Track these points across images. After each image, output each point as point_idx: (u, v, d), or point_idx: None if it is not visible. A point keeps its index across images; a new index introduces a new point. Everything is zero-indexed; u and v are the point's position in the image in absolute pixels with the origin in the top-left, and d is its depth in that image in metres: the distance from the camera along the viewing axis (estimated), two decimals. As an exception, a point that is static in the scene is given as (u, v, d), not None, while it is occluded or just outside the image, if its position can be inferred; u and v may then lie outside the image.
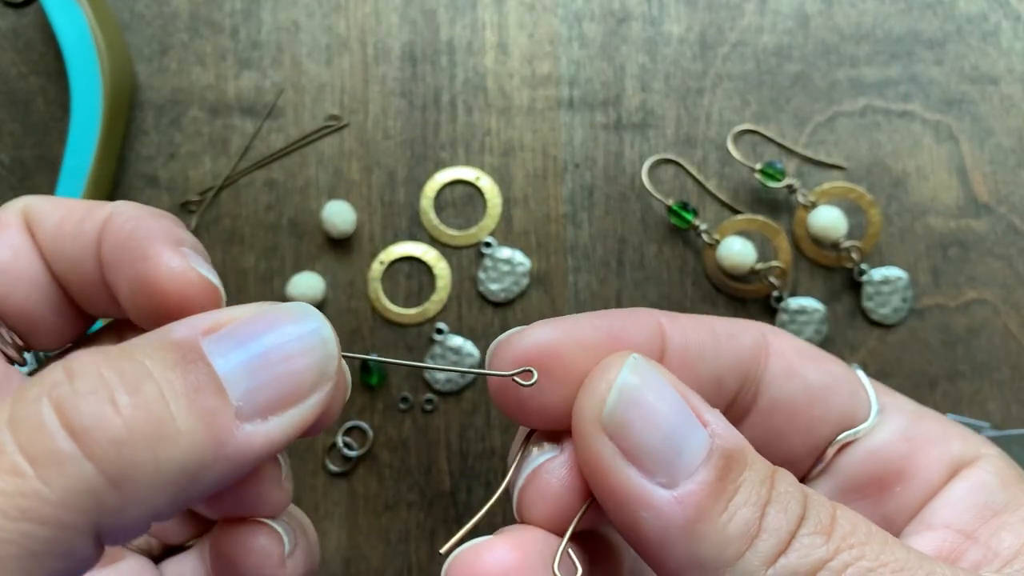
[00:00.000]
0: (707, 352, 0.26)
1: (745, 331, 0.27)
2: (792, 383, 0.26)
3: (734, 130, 0.49)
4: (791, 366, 0.26)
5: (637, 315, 0.25)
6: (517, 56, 0.49)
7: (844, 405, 0.26)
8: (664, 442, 0.22)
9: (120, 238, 0.24)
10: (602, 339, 0.24)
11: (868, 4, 0.50)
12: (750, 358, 0.26)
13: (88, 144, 0.46)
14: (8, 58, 0.49)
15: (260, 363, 0.21)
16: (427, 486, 0.46)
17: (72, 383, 0.19)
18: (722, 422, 0.22)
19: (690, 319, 0.26)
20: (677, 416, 0.22)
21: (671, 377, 0.23)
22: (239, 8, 0.50)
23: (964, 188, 0.48)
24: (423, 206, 0.48)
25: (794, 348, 0.27)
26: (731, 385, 0.26)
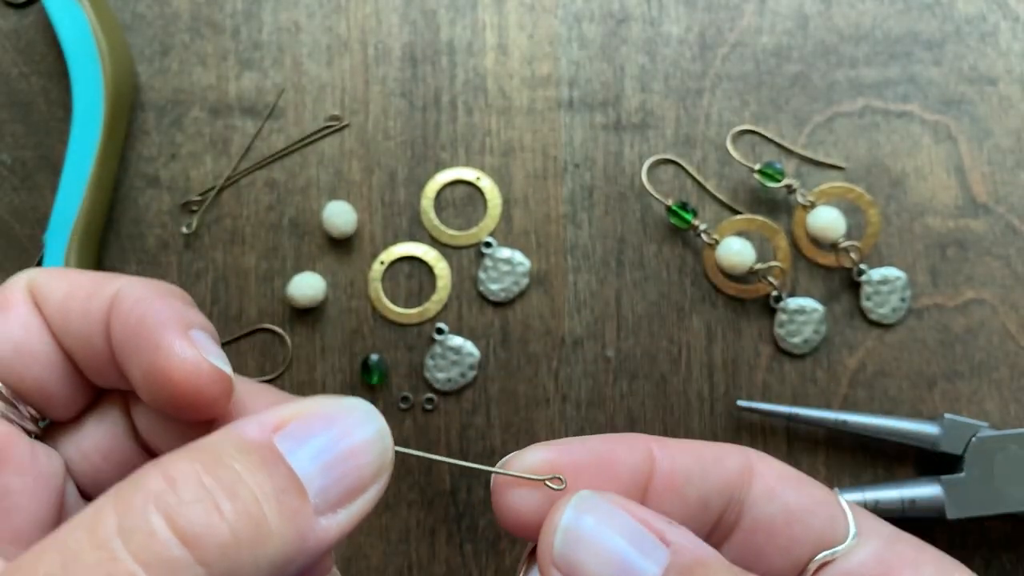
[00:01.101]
0: (694, 476, 0.27)
1: (731, 455, 0.28)
2: (773, 504, 0.27)
3: (733, 130, 0.49)
4: (773, 489, 0.28)
5: (628, 440, 0.27)
6: (517, 57, 0.50)
7: (822, 526, 0.27)
8: (616, 570, 0.23)
9: (130, 324, 0.24)
10: (593, 462, 0.26)
11: (867, 5, 0.50)
12: (735, 481, 0.28)
13: (90, 144, 0.46)
14: (9, 58, 0.50)
15: (331, 461, 0.23)
16: (427, 485, 0.47)
17: (176, 491, 0.20)
18: (685, 537, 0.24)
19: (679, 444, 0.28)
20: (628, 542, 0.24)
21: (624, 504, 0.25)
22: (240, 9, 0.50)
23: (963, 188, 0.48)
24: (423, 206, 0.49)
25: (777, 472, 0.28)
26: (717, 506, 0.28)
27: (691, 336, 0.47)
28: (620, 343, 0.47)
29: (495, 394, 0.47)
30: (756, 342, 0.47)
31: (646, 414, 0.47)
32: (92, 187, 0.46)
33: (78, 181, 0.46)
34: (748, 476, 0.28)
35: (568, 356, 0.47)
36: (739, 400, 0.46)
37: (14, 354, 0.25)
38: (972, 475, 0.43)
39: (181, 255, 0.48)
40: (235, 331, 0.48)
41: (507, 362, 0.47)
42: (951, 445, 0.44)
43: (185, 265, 0.48)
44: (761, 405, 0.45)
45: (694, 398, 0.47)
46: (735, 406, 0.46)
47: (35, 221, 0.48)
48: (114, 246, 0.48)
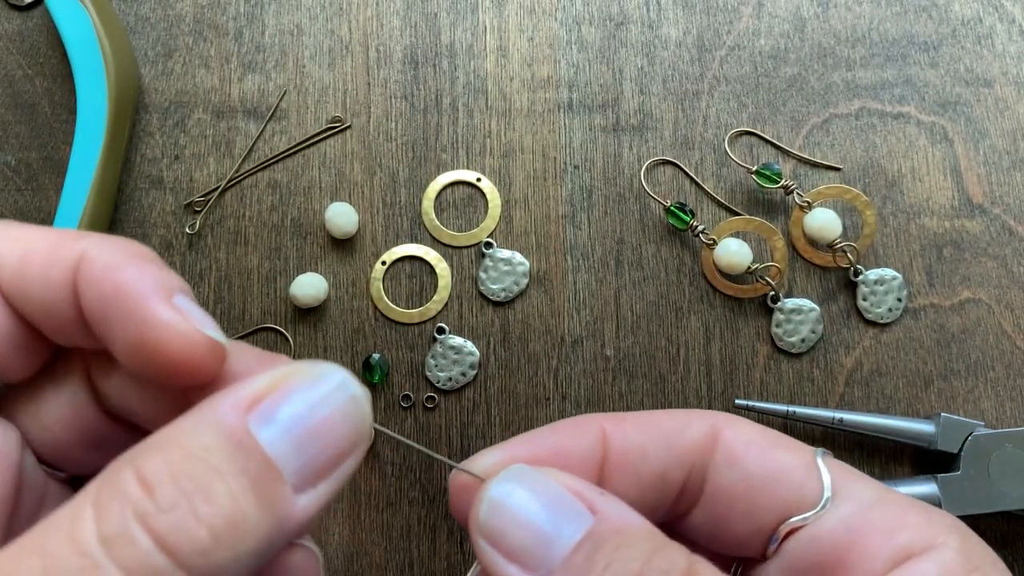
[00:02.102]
0: (649, 452, 0.28)
1: (693, 424, 0.28)
2: (733, 472, 0.27)
3: (731, 132, 0.49)
4: (734, 456, 0.27)
5: (580, 426, 0.28)
6: (517, 59, 0.50)
7: (788, 493, 0.27)
8: (535, 538, 0.24)
9: (105, 293, 0.23)
10: (544, 455, 0.27)
11: (863, 7, 0.50)
12: (696, 451, 0.28)
13: (93, 146, 0.46)
14: (14, 60, 0.50)
15: (306, 437, 0.23)
16: (428, 483, 0.47)
17: (152, 499, 0.20)
18: (614, 507, 0.24)
19: (636, 420, 0.28)
20: (549, 510, 0.24)
21: (553, 475, 0.25)
22: (243, 12, 0.50)
23: (958, 189, 0.49)
24: (424, 207, 0.49)
25: (744, 438, 0.28)
26: (676, 478, 0.28)
27: (689, 335, 0.48)
28: (619, 342, 0.48)
29: (495, 393, 0.48)
30: (753, 341, 0.48)
31: (645, 413, 0.47)
32: (96, 188, 0.46)
33: (82, 182, 0.46)
34: (712, 444, 0.28)
35: (568, 355, 0.48)
36: (736, 399, 0.46)
37: None
38: (968, 473, 0.44)
39: (185, 255, 0.49)
40: (238, 331, 0.48)
41: (507, 361, 0.48)
42: (947, 444, 0.44)
43: (189, 265, 0.48)
44: (758, 404, 0.46)
45: (692, 397, 0.47)
46: (733, 405, 0.47)
47: (39, 222, 0.49)
48: (118, 246, 0.49)
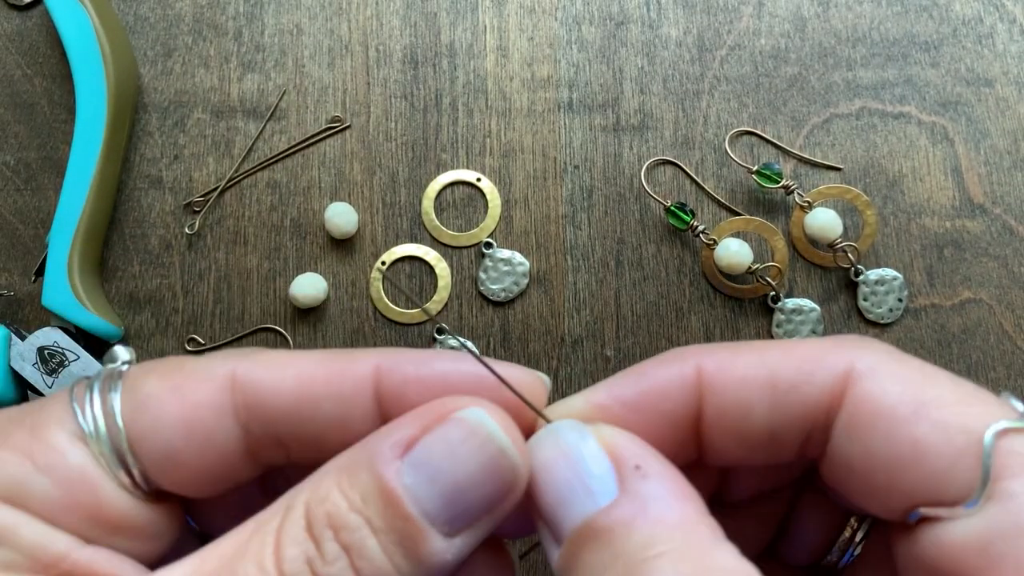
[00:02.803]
0: (755, 409, 0.23)
1: (820, 374, 0.23)
2: (852, 446, 0.23)
3: (731, 132, 0.49)
4: (857, 425, 0.22)
5: (675, 367, 0.24)
6: (517, 59, 0.50)
7: (924, 480, 0.21)
8: (553, 505, 0.23)
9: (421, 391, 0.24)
10: (631, 405, 0.24)
11: (864, 7, 0.50)
12: (817, 410, 0.23)
13: (93, 146, 0.46)
14: (13, 60, 0.50)
15: (456, 489, 0.23)
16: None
17: (319, 551, 0.22)
18: (645, 489, 0.22)
19: (748, 361, 0.24)
20: (565, 480, 0.23)
21: (599, 435, 0.23)
22: (242, 11, 0.50)
23: (959, 189, 0.49)
24: (424, 207, 0.49)
25: (878, 402, 0.22)
26: (791, 438, 0.24)
27: (690, 336, 0.48)
28: (619, 343, 0.48)
29: (495, 393, 0.47)
30: (754, 342, 0.48)
31: (645, 413, 0.47)
32: (95, 188, 0.46)
33: (81, 182, 0.46)
34: (838, 401, 0.23)
35: (568, 355, 0.48)
36: None
37: (180, 435, 0.24)
38: (968, 473, 0.44)
39: (184, 255, 0.48)
40: (237, 331, 0.48)
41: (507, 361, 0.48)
42: (947, 444, 0.44)
43: (188, 265, 0.48)
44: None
45: (693, 397, 0.47)
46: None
47: (39, 222, 0.49)
48: (117, 246, 0.49)
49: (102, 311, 0.46)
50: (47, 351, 0.45)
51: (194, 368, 0.25)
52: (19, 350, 0.45)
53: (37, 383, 0.45)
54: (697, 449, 0.25)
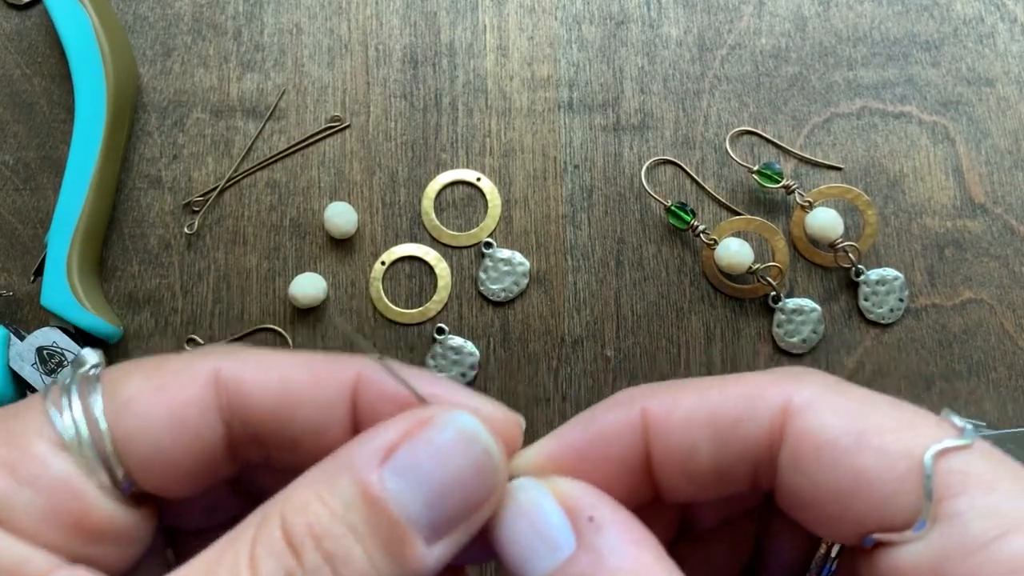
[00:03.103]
0: (700, 449, 0.24)
1: (759, 410, 0.24)
2: (798, 478, 0.23)
3: (732, 131, 0.49)
4: (800, 459, 0.23)
5: (620, 412, 0.25)
6: (517, 58, 0.50)
7: (869, 508, 0.22)
8: (517, 562, 0.23)
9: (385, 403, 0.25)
10: (582, 451, 0.25)
11: (865, 6, 0.50)
12: (759, 447, 0.24)
13: (92, 145, 0.46)
14: (12, 60, 0.50)
15: (439, 492, 0.23)
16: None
17: (299, 563, 0.22)
18: (602, 539, 0.23)
19: (689, 402, 0.25)
20: (530, 536, 0.23)
21: (554, 489, 0.24)
22: (242, 11, 0.50)
23: (960, 189, 0.49)
24: (424, 207, 0.49)
25: (817, 435, 0.23)
26: (739, 474, 0.24)
27: (690, 336, 0.48)
28: (619, 343, 0.48)
29: (495, 393, 0.47)
30: (755, 342, 0.48)
31: (645, 413, 0.47)
32: (94, 188, 0.46)
33: (80, 182, 0.46)
34: (779, 436, 0.23)
35: (568, 356, 0.48)
36: None
37: (167, 434, 0.24)
38: (969, 474, 0.44)
39: (183, 255, 0.48)
40: (237, 331, 0.48)
41: (507, 362, 0.48)
42: (948, 444, 0.44)
43: (187, 265, 0.48)
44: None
45: (693, 397, 0.47)
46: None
47: (38, 221, 0.48)
48: (116, 246, 0.48)
49: (101, 311, 0.46)
50: (46, 351, 0.45)
51: (178, 367, 0.25)
52: (18, 350, 0.45)
53: (36, 383, 0.45)
54: (652, 488, 0.26)
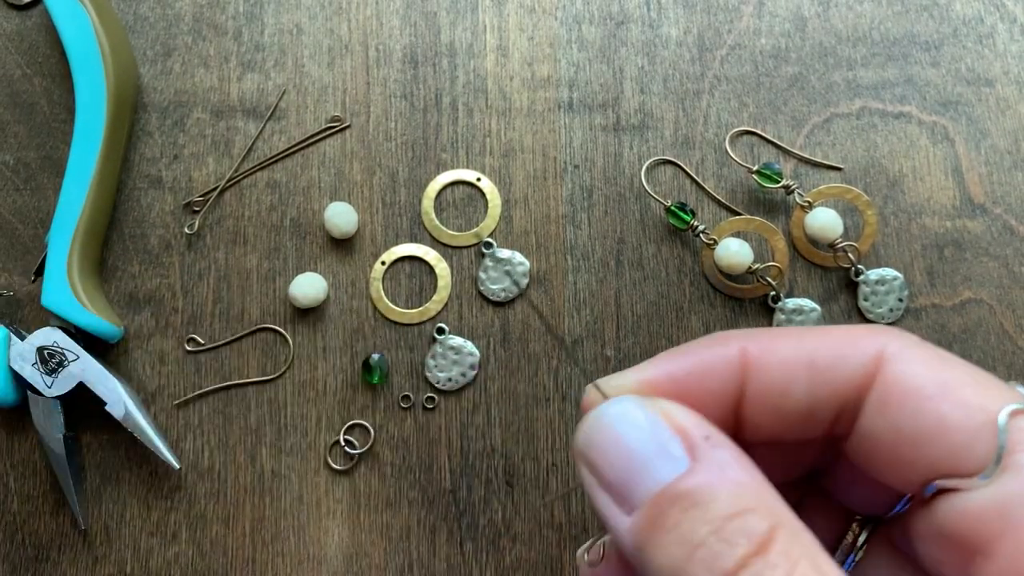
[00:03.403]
0: (794, 389, 0.25)
1: (853, 357, 0.25)
2: (880, 420, 0.25)
3: (732, 132, 0.49)
4: (887, 402, 0.25)
5: (719, 349, 0.26)
6: (517, 59, 0.50)
7: (943, 454, 0.24)
8: (627, 473, 0.24)
9: None
10: (678, 382, 0.26)
11: (864, 7, 0.50)
12: (850, 390, 0.25)
13: (92, 145, 0.46)
14: (13, 60, 0.50)
15: None
16: (428, 484, 0.47)
17: None
18: (716, 456, 0.23)
19: (787, 344, 0.26)
20: (644, 449, 0.24)
21: (663, 410, 0.24)
22: (242, 11, 0.50)
23: (960, 189, 0.49)
24: (424, 207, 0.49)
25: (907, 382, 0.25)
26: (824, 416, 0.26)
27: (690, 335, 0.48)
28: (619, 342, 0.48)
29: (495, 393, 0.47)
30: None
31: (645, 413, 0.47)
32: (95, 188, 0.46)
33: (81, 182, 0.46)
34: (870, 381, 0.25)
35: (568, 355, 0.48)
36: None
37: None
38: (969, 474, 0.44)
39: (184, 255, 0.48)
40: (237, 331, 0.48)
41: (507, 361, 0.48)
42: (948, 444, 0.44)
43: (187, 265, 0.48)
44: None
45: (693, 397, 0.47)
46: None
47: (38, 221, 0.49)
48: (117, 246, 0.49)
49: (102, 311, 0.46)
50: (47, 351, 0.45)
51: None
52: (19, 350, 0.45)
53: (37, 383, 0.45)
54: (734, 426, 0.27)
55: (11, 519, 0.47)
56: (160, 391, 0.48)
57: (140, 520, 0.47)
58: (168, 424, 0.47)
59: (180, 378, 0.48)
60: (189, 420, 0.47)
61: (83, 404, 0.46)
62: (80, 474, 0.46)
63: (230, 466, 0.47)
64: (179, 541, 0.46)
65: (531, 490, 0.46)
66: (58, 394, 0.45)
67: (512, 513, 0.46)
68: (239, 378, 0.48)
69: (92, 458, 0.47)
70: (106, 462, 0.47)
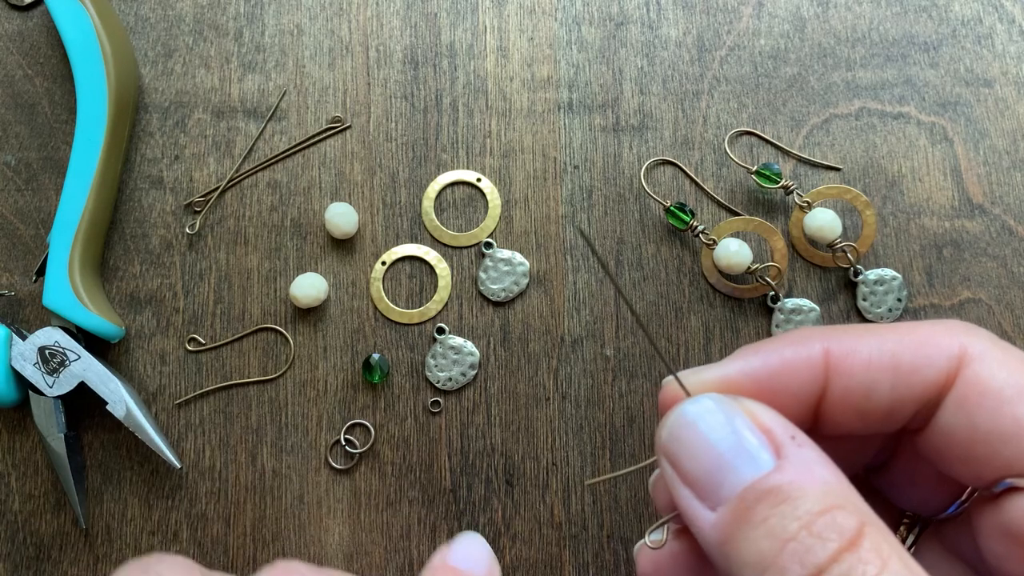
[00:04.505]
0: (877, 391, 0.26)
1: (938, 356, 0.26)
2: (958, 418, 0.26)
3: (731, 132, 0.49)
4: (965, 402, 0.25)
5: (803, 348, 0.27)
6: (517, 59, 0.50)
7: (1018, 453, 0.25)
8: (711, 469, 0.24)
9: None
10: (762, 380, 0.27)
11: (863, 7, 0.51)
12: (931, 390, 0.26)
13: (93, 146, 0.46)
14: (14, 60, 0.50)
15: None
16: (428, 483, 0.47)
17: None
18: (801, 455, 0.24)
19: (870, 345, 0.26)
20: (730, 445, 0.24)
21: (748, 408, 0.25)
22: (243, 12, 0.50)
23: (958, 189, 0.49)
24: (424, 207, 0.49)
25: (986, 383, 0.25)
26: (903, 415, 0.27)
27: (689, 335, 0.48)
28: (619, 342, 0.48)
29: (495, 393, 0.48)
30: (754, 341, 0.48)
31: (644, 413, 0.47)
32: (96, 188, 0.46)
33: (82, 182, 0.46)
34: (951, 381, 0.26)
35: (567, 355, 0.48)
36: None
37: None
38: (967, 473, 0.44)
39: (185, 255, 0.49)
40: (238, 331, 0.48)
41: (507, 361, 0.48)
42: (946, 443, 0.44)
43: (188, 265, 0.48)
44: (759, 404, 0.46)
45: (692, 397, 0.47)
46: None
47: (39, 221, 0.49)
48: (118, 246, 0.49)
49: (103, 311, 0.46)
50: (48, 351, 0.45)
51: None
52: (20, 350, 0.45)
53: (38, 383, 0.45)
54: (811, 422, 0.28)
55: (12, 518, 0.47)
56: (161, 391, 0.48)
57: (141, 519, 0.47)
58: (169, 423, 0.47)
59: (181, 378, 0.48)
60: (190, 420, 0.47)
61: (84, 404, 0.46)
62: (81, 473, 0.46)
63: (231, 465, 0.47)
64: (180, 540, 0.47)
65: (531, 489, 0.46)
66: (59, 394, 0.45)
67: (512, 512, 0.47)
68: (240, 378, 0.48)
69: (93, 457, 0.47)
70: (107, 461, 0.47)
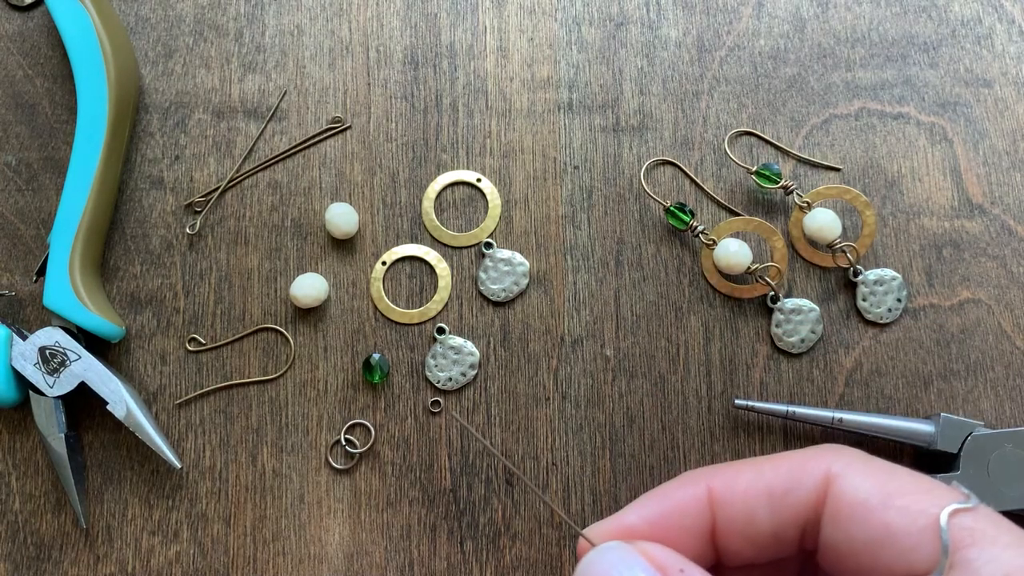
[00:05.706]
0: (758, 516, 0.29)
1: (804, 480, 0.28)
2: (837, 533, 0.28)
3: (731, 132, 0.49)
4: (839, 517, 0.27)
5: (687, 489, 0.30)
6: (517, 60, 0.50)
7: (896, 559, 0.26)
8: None
9: None
10: (655, 524, 0.29)
11: (863, 8, 0.51)
12: (807, 510, 0.28)
13: (94, 146, 0.46)
14: (14, 61, 0.50)
15: None
16: (428, 483, 0.47)
17: None
18: None
19: (746, 477, 0.29)
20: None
21: (641, 551, 0.27)
22: (243, 12, 0.50)
23: (958, 189, 0.49)
24: (425, 207, 0.49)
25: (852, 496, 0.27)
26: (791, 536, 0.29)
27: (689, 335, 0.48)
28: (619, 342, 0.48)
29: (495, 393, 0.48)
30: (753, 342, 0.48)
31: (644, 413, 0.47)
32: (96, 188, 0.46)
33: (82, 182, 0.46)
34: (822, 500, 0.28)
35: (567, 355, 0.48)
36: (736, 399, 0.46)
37: None
38: (968, 473, 0.44)
39: (185, 255, 0.49)
40: (239, 331, 0.48)
41: (507, 361, 0.48)
42: (947, 444, 0.44)
43: (189, 265, 0.49)
44: (758, 404, 0.46)
45: (692, 397, 0.47)
46: (732, 405, 0.47)
47: (40, 222, 0.49)
48: (118, 247, 0.49)
49: (103, 311, 0.46)
50: (48, 351, 0.45)
51: None
52: (20, 350, 0.45)
53: (38, 383, 0.45)
54: (714, 555, 0.30)
55: (13, 518, 0.47)
56: (161, 391, 0.48)
57: (141, 519, 0.47)
58: (169, 423, 0.47)
59: (181, 378, 0.48)
60: (190, 419, 0.47)
61: (85, 404, 0.46)
62: (82, 473, 0.46)
63: (231, 465, 0.47)
64: (180, 540, 0.47)
65: (531, 489, 0.47)
66: (60, 394, 0.45)
67: (512, 512, 0.47)
68: (240, 378, 0.48)
69: (94, 457, 0.47)
70: (107, 461, 0.47)
